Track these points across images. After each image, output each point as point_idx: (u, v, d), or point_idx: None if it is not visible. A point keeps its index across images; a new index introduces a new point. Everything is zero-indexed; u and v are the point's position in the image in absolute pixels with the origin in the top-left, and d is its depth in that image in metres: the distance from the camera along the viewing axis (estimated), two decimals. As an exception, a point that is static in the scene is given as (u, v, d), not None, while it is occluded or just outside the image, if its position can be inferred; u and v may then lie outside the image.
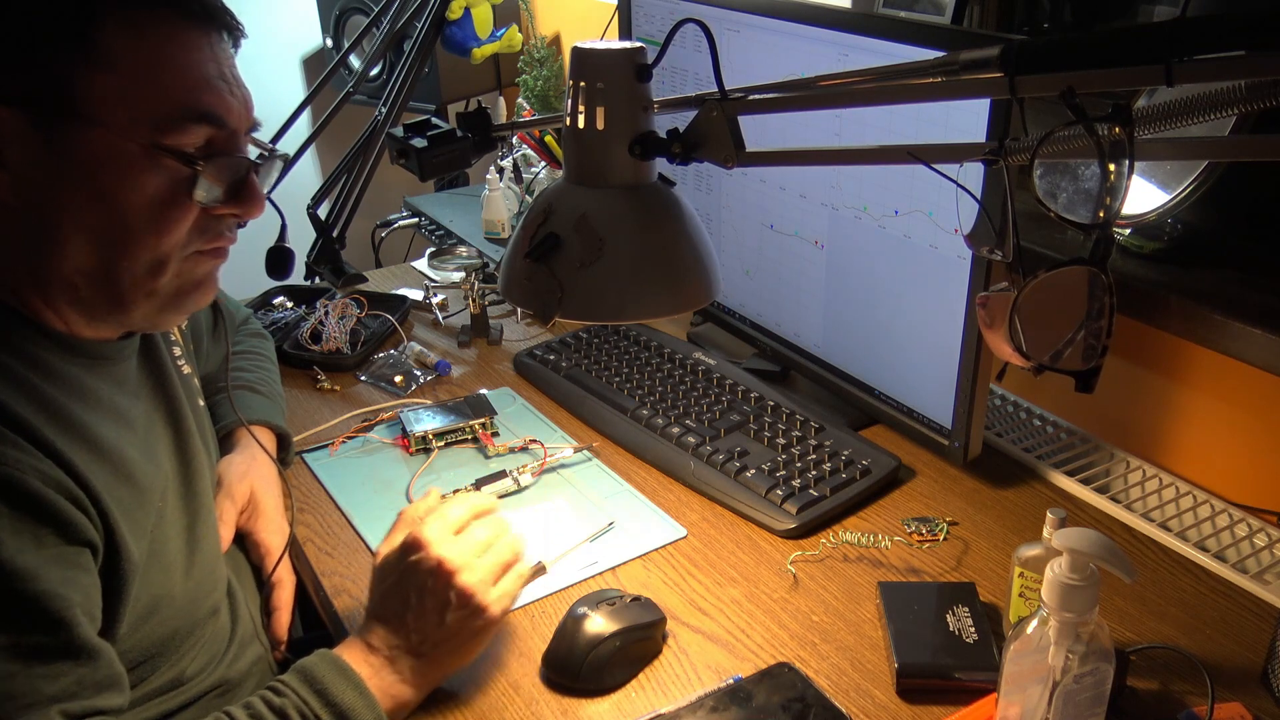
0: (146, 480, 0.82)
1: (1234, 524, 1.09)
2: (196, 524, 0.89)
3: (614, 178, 0.75)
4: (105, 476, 0.76)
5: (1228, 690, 0.89)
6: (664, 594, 1.02)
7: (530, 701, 0.90)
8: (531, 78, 2.18)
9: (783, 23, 1.18)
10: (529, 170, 1.86)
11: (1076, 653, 0.73)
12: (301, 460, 1.24)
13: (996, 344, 0.61)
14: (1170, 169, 1.14)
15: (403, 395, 1.38)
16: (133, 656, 0.80)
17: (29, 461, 0.70)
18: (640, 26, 1.41)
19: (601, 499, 1.16)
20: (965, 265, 1.07)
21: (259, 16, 2.53)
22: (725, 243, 1.40)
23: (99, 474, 0.76)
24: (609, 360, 1.39)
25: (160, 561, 0.82)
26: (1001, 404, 1.34)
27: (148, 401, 0.88)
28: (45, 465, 0.71)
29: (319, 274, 1.25)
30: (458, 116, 0.90)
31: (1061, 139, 0.57)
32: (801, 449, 1.19)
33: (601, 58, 0.73)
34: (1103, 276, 0.56)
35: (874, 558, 1.07)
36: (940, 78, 0.63)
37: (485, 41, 1.81)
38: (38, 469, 0.70)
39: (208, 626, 0.90)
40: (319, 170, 2.63)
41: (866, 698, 0.90)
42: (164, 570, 0.83)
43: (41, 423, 0.73)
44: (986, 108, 0.98)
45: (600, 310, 0.77)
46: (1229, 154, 0.97)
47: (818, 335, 1.30)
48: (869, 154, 0.77)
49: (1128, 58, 0.53)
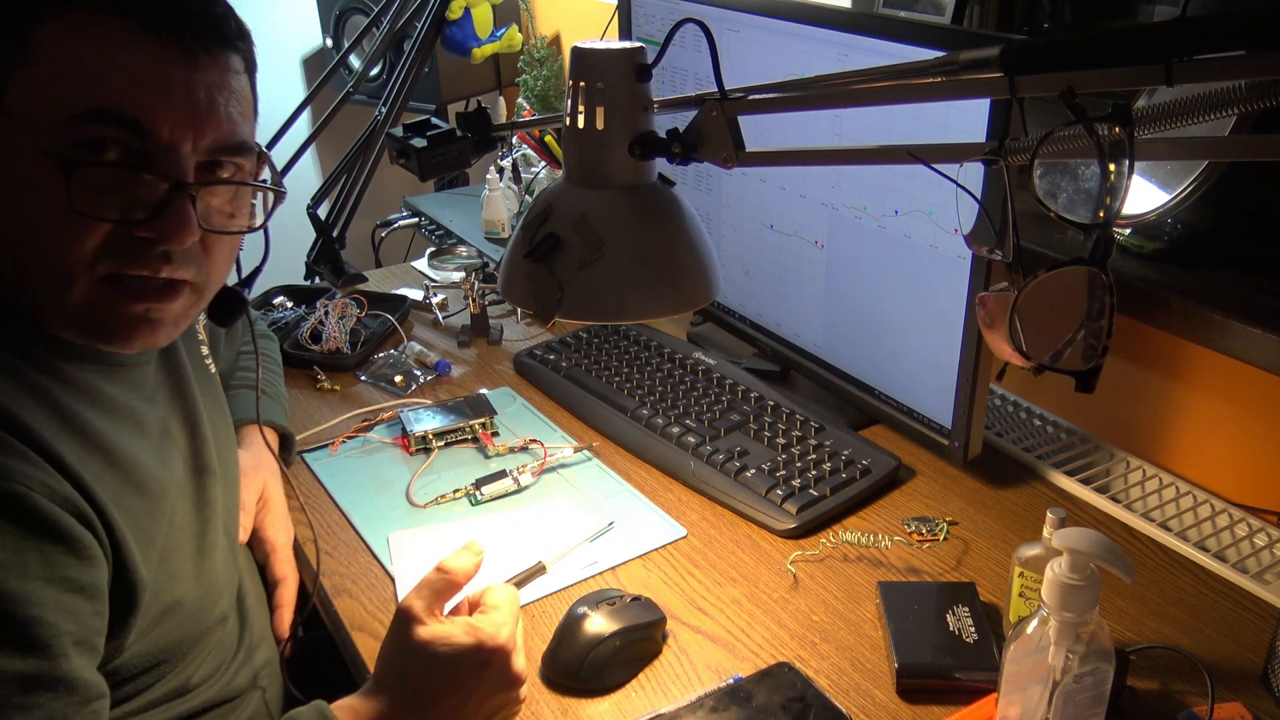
0: (158, 487, 0.80)
1: (1234, 524, 1.09)
2: (207, 530, 0.88)
3: (614, 178, 0.75)
4: (116, 486, 0.75)
5: (1228, 690, 0.89)
6: (664, 594, 1.02)
7: (530, 701, 0.90)
8: (531, 78, 2.17)
9: (783, 23, 1.18)
10: (529, 170, 1.86)
11: (1076, 653, 0.73)
12: (301, 460, 1.24)
13: (996, 344, 0.61)
14: (1170, 169, 1.14)
15: (403, 395, 1.38)
16: (137, 664, 0.79)
17: (37, 476, 0.68)
18: (640, 26, 1.41)
19: (601, 499, 1.16)
20: (965, 265, 1.07)
21: (259, 16, 2.52)
22: (725, 243, 1.40)
23: (109, 484, 0.74)
24: (609, 360, 1.39)
25: (169, 569, 0.81)
26: (1001, 404, 1.34)
27: (165, 405, 0.87)
28: (53, 480, 0.69)
29: (319, 274, 1.25)
30: (458, 116, 0.90)
31: (1061, 139, 0.57)
32: (801, 449, 1.19)
33: (601, 58, 0.73)
34: (1103, 276, 0.56)
35: (874, 558, 1.07)
36: (940, 78, 0.63)
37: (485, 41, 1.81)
38: (45, 484, 0.69)
39: (215, 633, 0.89)
40: (319, 170, 2.63)
41: (866, 698, 0.90)
42: (173, 578, 0.82)
43: (52, 432, 0.71)
44: (986, 108, 0.98)
45: (600, 310, 0.77)
46: (1229, 154, 0.97)
47: (817, 335, 1.30)
48: (869, 154, 0.77)
49: (1128, 58, 0.53)
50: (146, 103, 0.70)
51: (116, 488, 0.75)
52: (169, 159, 0.72)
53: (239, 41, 0.76)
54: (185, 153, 0.72)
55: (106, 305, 0.74)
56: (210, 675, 0.88)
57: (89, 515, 0.72)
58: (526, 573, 1.03)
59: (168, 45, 0.71)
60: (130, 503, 0.77)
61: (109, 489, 0.74)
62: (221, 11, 0.75)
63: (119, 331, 0.75)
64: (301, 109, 1.24)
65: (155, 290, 0.74)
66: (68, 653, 0.69)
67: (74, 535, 0.70)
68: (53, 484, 0.69)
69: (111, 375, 0.80)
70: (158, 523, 0.80)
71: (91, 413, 0.76)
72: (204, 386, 0.94)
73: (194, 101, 0.72)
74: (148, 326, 0.76)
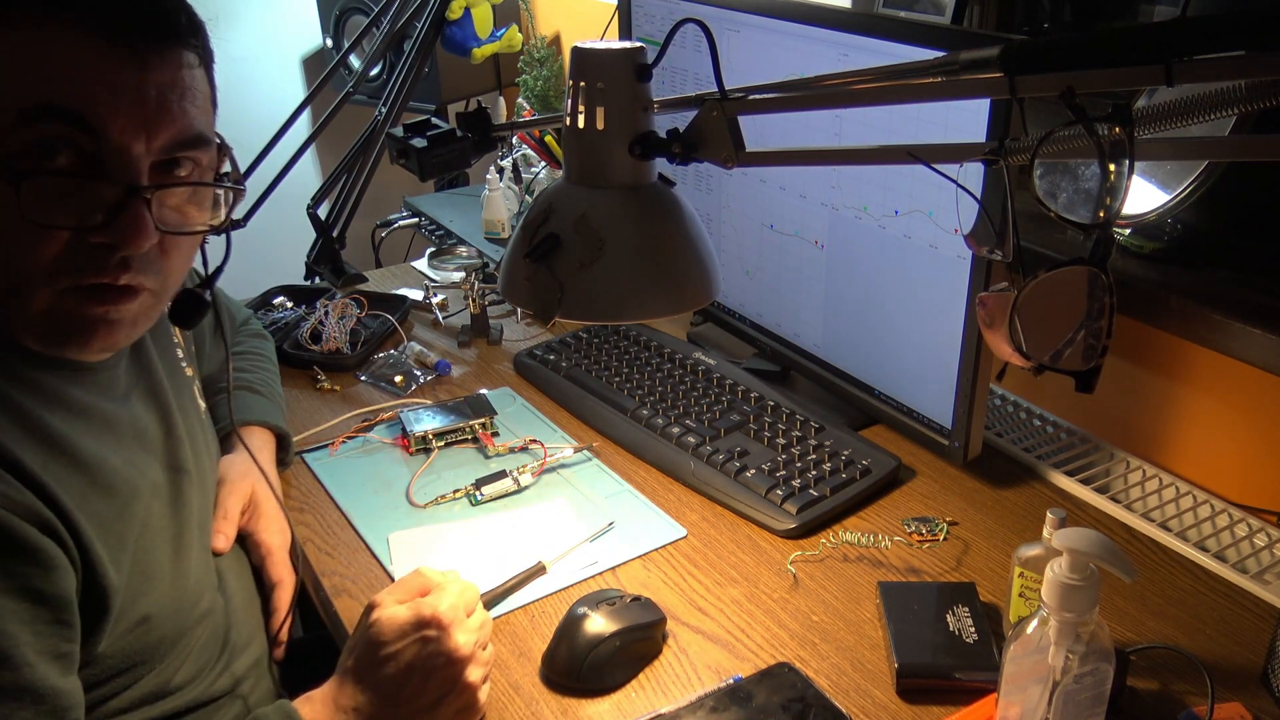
0: (129, 488, 0.80)
1: (1234, 524, 1.09)
2: (184, 531, 0.88)
3: (614, 178, 0.75)
4: (82, 490, 0.75)
5: (1228, 690, 0.89)
6: (664, 594, 1.02)
7: (530, 701, 0.90)
8: (531, 78, 2.17)
9: (783, 23, 1.18)
10: (529, 170, 1.86)
11: (1076, 653, 0.73)
12: (301, 460, 1.24)
13: (996, 344, 0.61)
14: (1170, 169, 1.14)
15: (403, 395, 1.38)
16: (114, 665, 0.79)
17: None
18: (640, 26, 1.41)
19: (601, 499, 1.16)
20: (965, 265, 1.07)
21: (259, 16, 2.53)
22: (725, 243, 1.40)
23: (75, 488, 0.74)
24: (609, 360, 1.39)
25: (145, 571, 0.81)
26: (1001, 404, 1.34)
27: (138, 405, 0.87)
28: (11, 488, 0.69)
29: (319, 274, 1.25)
30: (458, 116, 0.90)
31: (1061, 139, 0.57)
32: (801, 449, 1.19)
33: (601, 58, 0.73)
34: (1103, 276, 0.56)
35: (874, 558, 1.07)
36: (940, 78, 0.63)
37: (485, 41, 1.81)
38: (6, 494, 0.68)
39: (196, 635, 0.88)
40: (319, 170, 2.63)
41: (866, 698, 0.90)
42: (148, 579, 0.81)
43: (13, 438, 0.71)
44: (986, 108, 0.98)
45: (600, 310, 0.77)
46: (1229, 154, 0.97)
47: (818, 335, 1.30)
48: (869, 154, 0.77)
49: (1128, 58, 0.53)
50: (97, 102, 0.69)
51: (83, 492, 0.75)
52: (121, 162, 0.71)
53: (192, 38, 0.75)
54: (138, 154, 0.71)
55: (65, 311, 0.73)
56: (192, 678, 0.87)
57: (52, 523, 0.71)
58: (526, 573, 1.03)
59: (116, 48, 0.70)
60: (98, 506, 0.76)
61: (74, 494, 0.74)
62: (171, 7, 0.74)
63: (77, 336, 0.75)
64: (301, 109, 1.23)
65: (114, 293, 0.74)
66: (31, 662, 0.68)
67: (34, 545, 0.69)
68: (11, 493, 0.69)
69: (77, 379, 0.79)
70: (129, 525, 0.80)
71: (55, 417, 0.75)
72: (178, 389, 0.94)
73: (144, 102, 0.71)
74: (106, 328, 0.75)
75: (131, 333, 0.78)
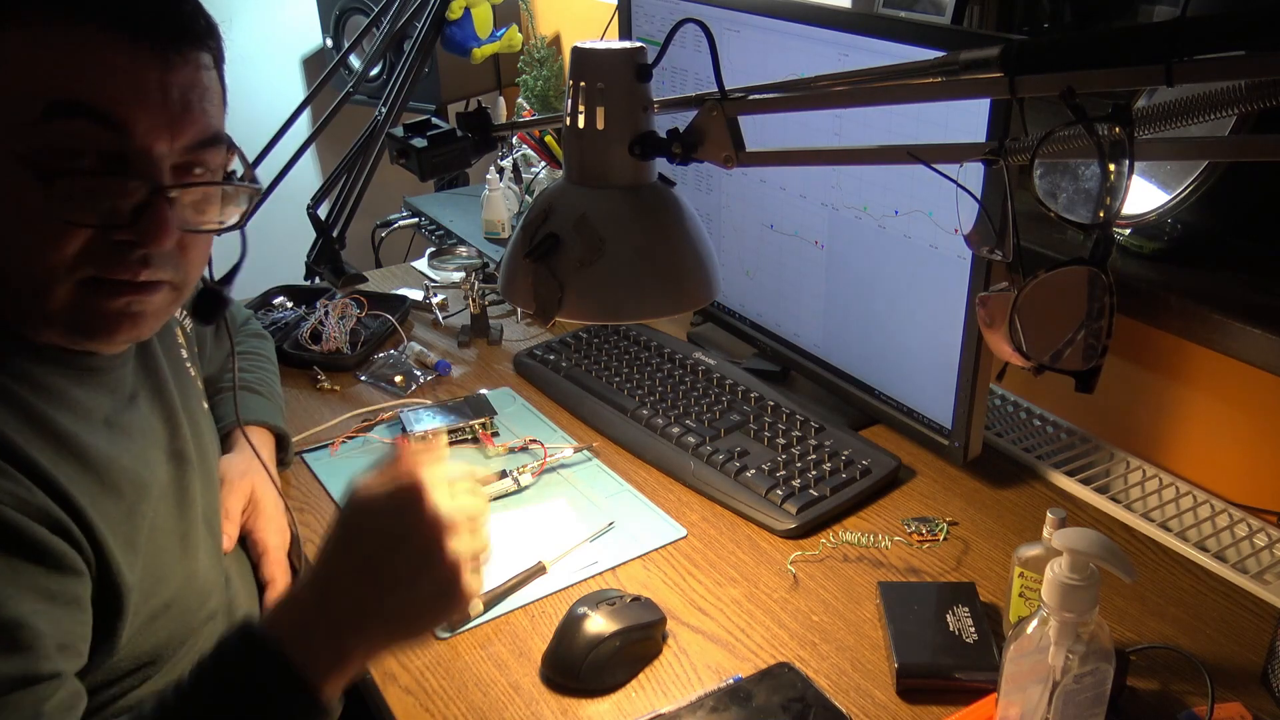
0: (136, 489, 0.80)
1: (1234, 524, 1.09)
2: (190, 530, 0.88)
3: (614, 178, 0.75)
4: (93, 491, 0.75)
5: (1228, 690, 0.89)
6: (664, 594, 1.02)
7: (530, 701, 0.90)
8: (531, 78, 2.17)
9: (783, 23, 1.18)
10: (529, 170, 1.86)
11: (1076, 653, 0.73)
12: (301, 460, 1.24)
13: (996, 344, 0.61)
14: (1170, 169, 1.14)
15: (403, 395, 1.38)
16: (126, 665, 0.79)
17: (9, 488, 0.68)
18: (640, 26, 1.41)
19: (601, 499, 1.16)
20: (965, 265, 1.07)
21: (259, 16, 2.53)
22: (725, 243, 1.40)
23: (86, 490, 0.74)
24: (609, 360, 1.39)
25: (155, 571, 0.81)
26: (1001, 404, 1.34)
27: (144, 405, 0.87)
28: (26, 491, 0.69)
29: (319, 274, 1.25)
30: (458, 116, 0.90)
31: (1061, 139, 0.57)
32: (801, 449, 1.19)
33: (601, 58, 0.73)
34: (1103, 276, 0.56)
35: (874, 558, 1.07)
36: (940, 78, 0.63)
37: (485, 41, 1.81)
38: (18, 496, 0.68)
39: (205, 632, 0.89)
40: (319, 170, 2.63)
41: (866, 698, 0.90)
42: (159, 580, 0.81)
43: (26, 439, 0.71)
44: (986, 108, 0.98)
45: (600, 310, 0.77)
46: (1229, 154, 0.97)
47: (818, 335, 1.30)
48: (869, 154, 0.77)
49: (1128, 58, 0.53)
50: (123, 101, 0.70)
51: (94, 492, 0.75)
52: (146, 161, 0.72)
53: (209, 39, 0.76)
54: (161, 154, 0.72)
55: (87, 305, 0.74)
56: None
57: (67, 526, 0.71)
58: (526, 573, 1.03)
59: (140, 48, 0.70)
60: (108, 507, 0.76)
61: (87, 494, 0.74)
62: (190, 10, 0.75)
63: (103, 328, 0.76)
64: (301, 109, 1.23)
65: (135, 287, 0.75)
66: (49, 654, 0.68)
67: (48, 548, 0.69)
68: (25, 496, 0.69)
69: (86, 380, 0.79)
70: (138, 526, 0.80)
71: (66, 418, 0.76)
72: (183, 388, 0.94)
73: (168, 102, 0.72)
74: (129, 320, 0.76)
75: (154, 325, 0.79)
